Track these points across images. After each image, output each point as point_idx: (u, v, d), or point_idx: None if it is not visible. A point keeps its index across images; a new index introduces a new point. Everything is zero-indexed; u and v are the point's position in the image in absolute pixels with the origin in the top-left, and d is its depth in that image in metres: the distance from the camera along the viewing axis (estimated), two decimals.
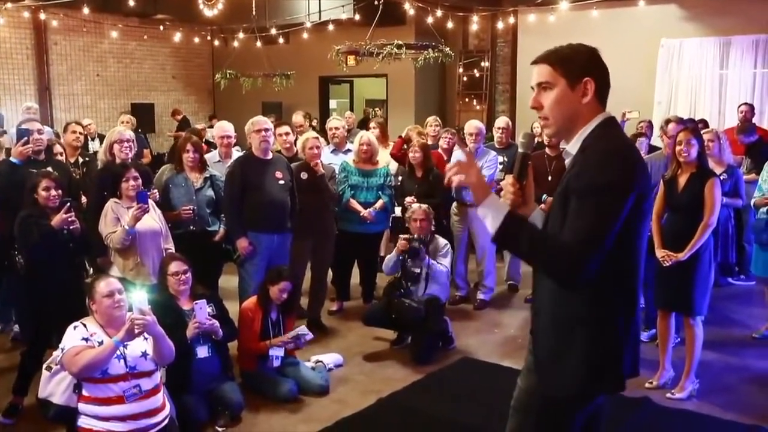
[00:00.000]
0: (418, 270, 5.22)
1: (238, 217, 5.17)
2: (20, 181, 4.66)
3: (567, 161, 2.29)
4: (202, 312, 4.10)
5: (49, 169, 4.93)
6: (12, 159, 4.99)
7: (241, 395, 4.30)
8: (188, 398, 4.06)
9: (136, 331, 3.34)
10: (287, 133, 6.12)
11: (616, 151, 2.04)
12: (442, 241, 5.51)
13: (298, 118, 8.06)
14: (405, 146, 6.67)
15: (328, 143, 6.99)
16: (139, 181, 4.63)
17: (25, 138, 4.90)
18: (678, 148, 4.43)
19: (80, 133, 6.42)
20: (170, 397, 3.81)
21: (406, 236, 5.28)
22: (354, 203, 6.00)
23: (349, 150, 6.63)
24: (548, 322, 2.15)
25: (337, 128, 6.88)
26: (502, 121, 6.93)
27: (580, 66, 2.10)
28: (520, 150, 2.37)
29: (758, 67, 9.60)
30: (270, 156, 5.29)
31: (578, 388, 2.07)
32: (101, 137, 8.42)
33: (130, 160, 5.05)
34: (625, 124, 7.34)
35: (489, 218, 2.04)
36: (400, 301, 5.18)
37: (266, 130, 5.20)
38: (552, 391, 2.11)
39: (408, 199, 5.97)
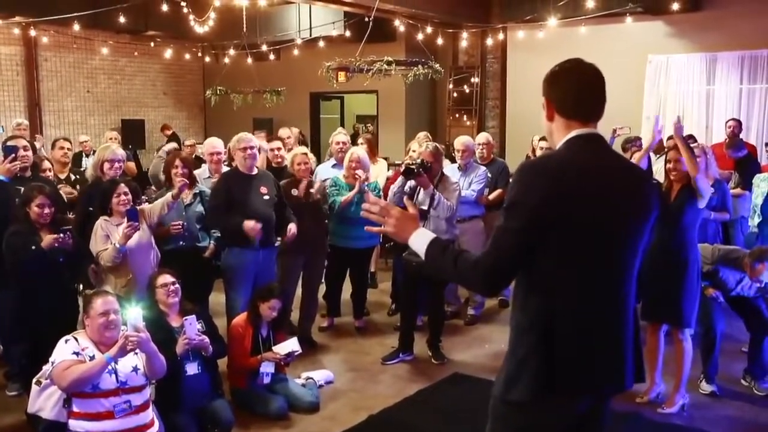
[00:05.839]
0: (425, 207, 5.15)
1: (227, 219, 5.02)
2: (6, 198, 4.64)
3: None
4: (191, 328, 4.08)
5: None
6: None
7: (232, 413, 4.27)
8: (178, 416, 4.02)
9: (129, 348, 3.33)
10: (279, 148, 6.63)
11: (531, 168, 2.12)
12: (453, 180, 5.56)
13: (285, 132, 8.09)
14: None
15: (321, 159, 7.02)
16: (129, 196, 4.63)
17: (13, 155, 4.87)
18: (668, 166, 4.66)
19: (68, 149, 6.42)
20: (160, 415, 3.79)
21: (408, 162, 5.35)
22: (344, 197, 5.85)
23: None
24: (511, 330, 2.22)
25: (344, 143, 6.85)
26: (482, 137, 7.00)
27: (543, 88, 2.21)
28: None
29: (744, 82, 9.69)
30: (255, 172, 5.29)
31: (521, 394, 2.09)
32: None
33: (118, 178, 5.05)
34: (614, 141, 7.39)
35: (419, 250, 2.19)
36: (407, 262, 5.08)
37: (251, 147, 5.20)
38: (505, 396, 2.15)
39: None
